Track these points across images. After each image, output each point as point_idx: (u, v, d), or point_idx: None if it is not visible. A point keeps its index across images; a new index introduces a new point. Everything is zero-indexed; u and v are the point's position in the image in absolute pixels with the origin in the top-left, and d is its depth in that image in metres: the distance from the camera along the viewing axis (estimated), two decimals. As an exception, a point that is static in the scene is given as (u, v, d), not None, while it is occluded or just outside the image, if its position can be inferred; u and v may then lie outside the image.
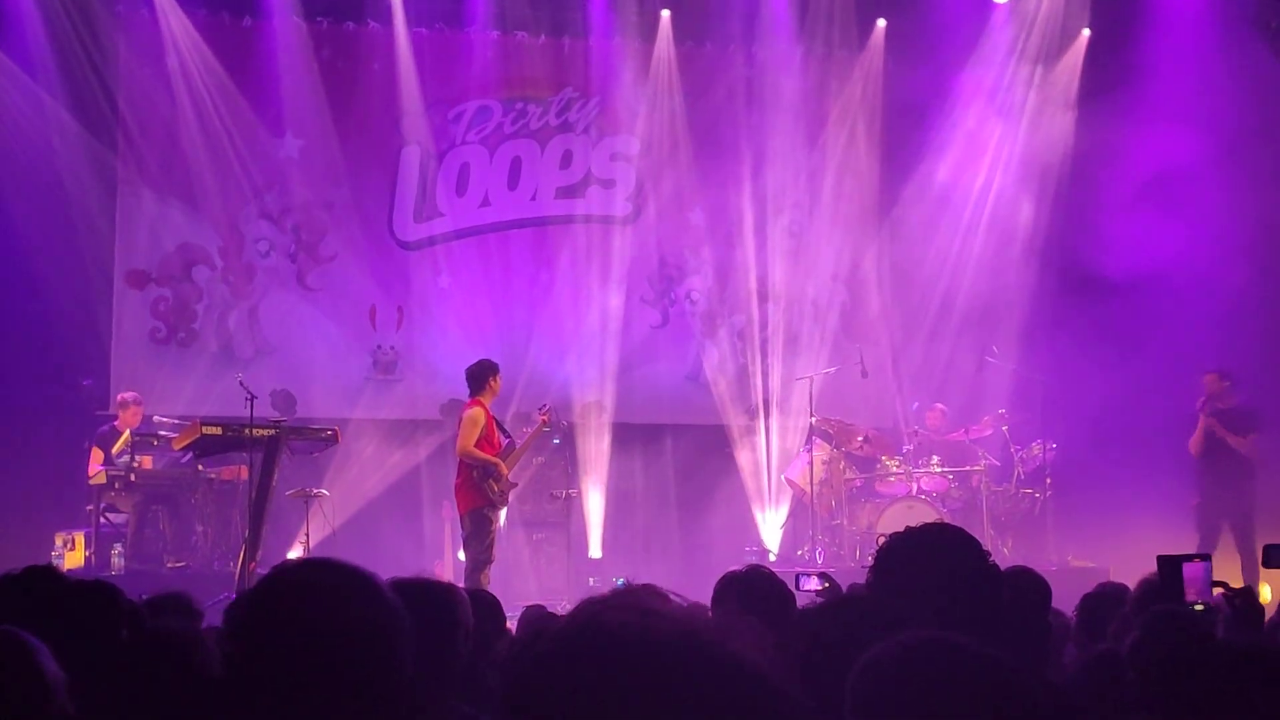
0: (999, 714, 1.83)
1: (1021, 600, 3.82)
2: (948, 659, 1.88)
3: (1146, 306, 13.33)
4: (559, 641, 1.49)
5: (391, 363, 14.35)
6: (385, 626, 2.00)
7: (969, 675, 1.85)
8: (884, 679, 1.88)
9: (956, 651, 1.89)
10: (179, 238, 13.93)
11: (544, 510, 13.21)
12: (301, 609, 1.98)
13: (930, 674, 1.85)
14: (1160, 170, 13.58)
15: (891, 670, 1.88)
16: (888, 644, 1.92)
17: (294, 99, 14.04)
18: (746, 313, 15.02)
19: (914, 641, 1.92)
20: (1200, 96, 13.57)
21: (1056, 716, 2.71)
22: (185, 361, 13.77)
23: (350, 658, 1.94)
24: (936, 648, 1.90)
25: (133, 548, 11.67)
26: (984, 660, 1.88)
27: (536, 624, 5.51)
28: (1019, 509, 13.13)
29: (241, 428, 10.68)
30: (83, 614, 3.82)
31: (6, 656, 2.47)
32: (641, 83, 14.90)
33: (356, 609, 1.98)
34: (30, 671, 2.46)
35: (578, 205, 14.95)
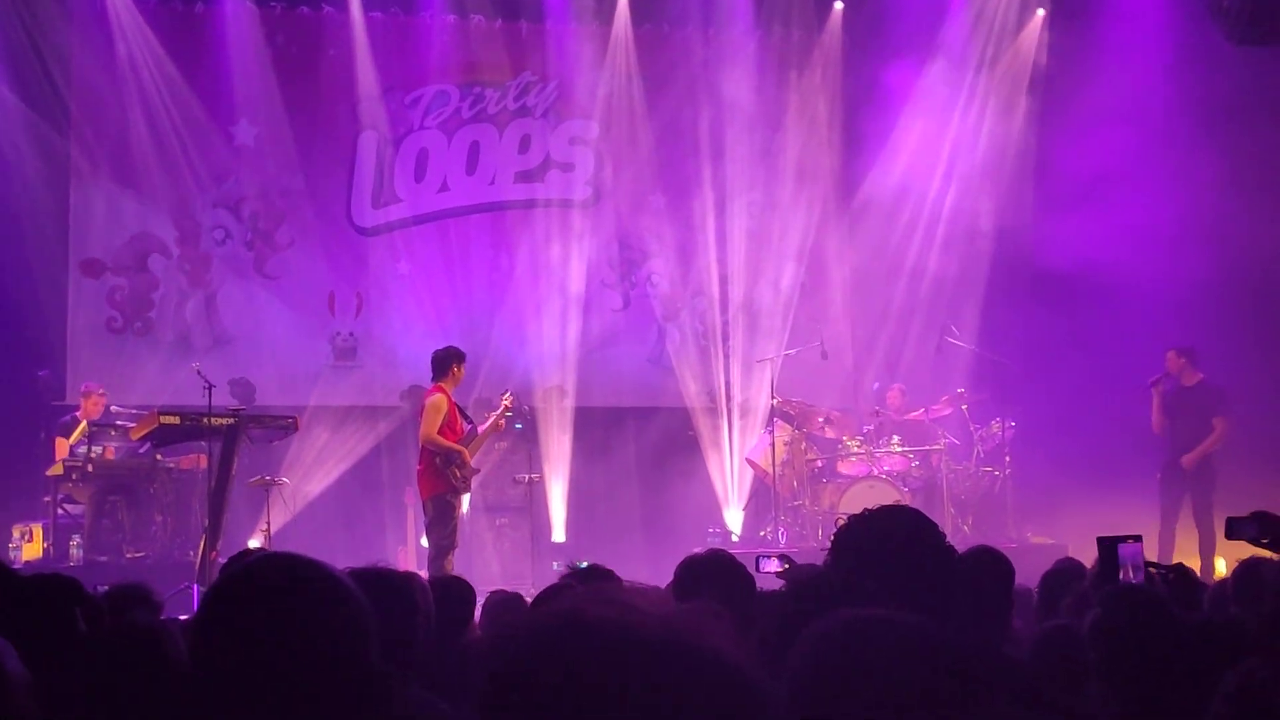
0: (940, 687, 1.84)
1: (984, 578, 3.86)
2: (884, 634, 1.89)
3: (1104, 287, 13.45)
4: (538, 638, 1.48)
5: (351, 349, 14.30)
6: (350, 619, 2.00)
7: (906, 650, 1.86)
8: (821, 656, 1.89)
9: (893, 627, 1.90)
10: (134, 227, 13.83)
11: (507, 495, 13.20)
12: (264, 604, 1.97)
13: (867, 649, 1.87)
14: (1116, 154, 13.69)
15: (828, 647, 1.90)
16: (825, 621, 1.93)
17: (248, 85, 13.95)
18: (708, 295, 15.04)
19: (850, 618, 1.93)
20: (1154, 78, 13.68)
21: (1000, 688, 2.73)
22: (142, 351, 13.68)
23: (316, 652, 1.94)
24: (879, 623, 1.92)
25: (91, 538, 11.59)
26: (922, 634, 1.90)
27: (503, 611, 5.50)
28: (979, 487, 13.22)
29: (200, 417, 10.61)
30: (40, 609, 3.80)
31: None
32: (599, 66, 14.88)
33: (320, 603, 1.98)
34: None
35: (537, 189, 14.92)
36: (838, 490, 12.84)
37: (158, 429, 10.77)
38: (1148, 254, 13.22)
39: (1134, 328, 13.27)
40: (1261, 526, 4.28)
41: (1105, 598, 3.63)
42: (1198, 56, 13.29)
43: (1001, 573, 4.06)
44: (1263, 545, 4.30)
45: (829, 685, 1.87)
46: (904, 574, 2.67)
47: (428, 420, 10.31)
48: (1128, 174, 13.57)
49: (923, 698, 1.84)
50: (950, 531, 9.53)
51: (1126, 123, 13.63)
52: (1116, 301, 13.44)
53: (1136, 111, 13.68)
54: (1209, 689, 3.14)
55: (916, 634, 1.90)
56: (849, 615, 1.95)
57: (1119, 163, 13.64)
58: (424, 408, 10.47)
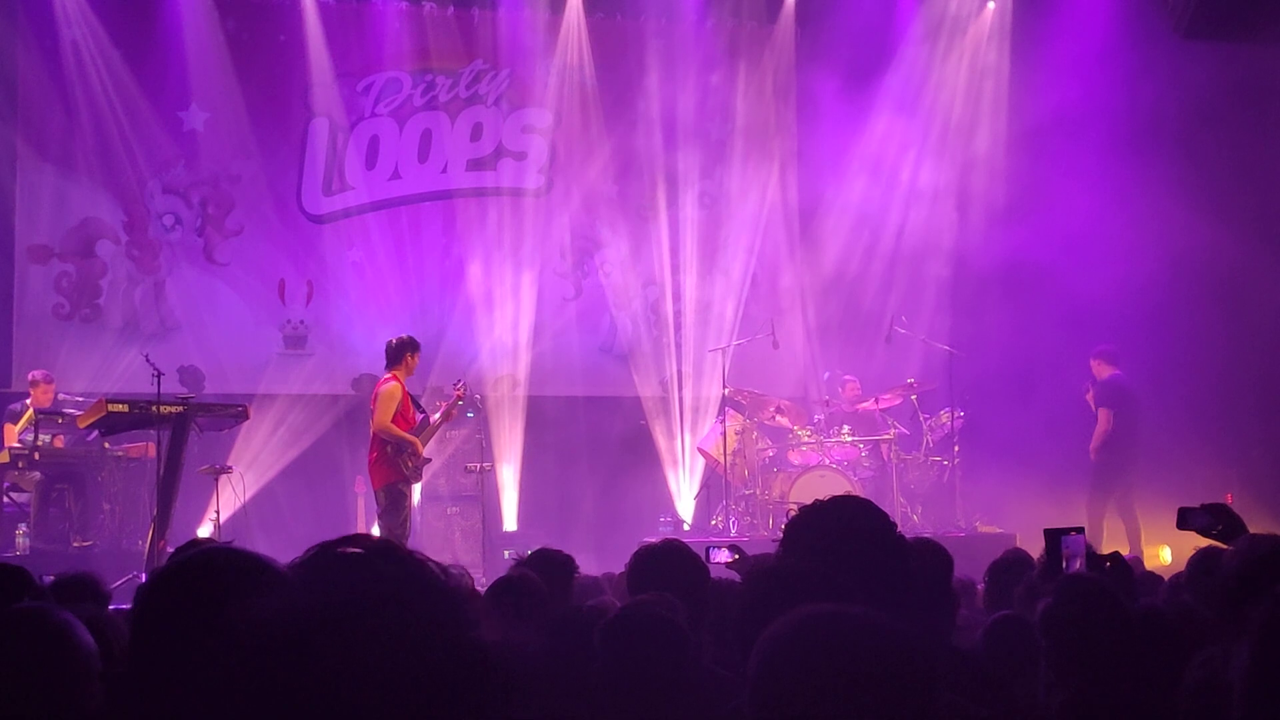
0: (896, 681, 1.87)
1: (926, 570, 3.91)
2: (844, 630, 1.91)
3: (1052, 278, 13.59)
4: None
5: (301, 337, 14.22)
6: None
7: (866, 645, 1.89)
8: (782, 654, 1.91)
9: (853, 622, 1.93)
10: (82, 212, 13.69)
11: (459, 483, 13.18)
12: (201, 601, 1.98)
13: (827, 646, 1.89)
14: (1067, 146, 13.87)
15: (789, 645, 1.92)
16: (784, 619, 1.95)
17: (198, 70, 13.84)
18: (659, 284, 15.07)
19: (810, 614, 1.95)
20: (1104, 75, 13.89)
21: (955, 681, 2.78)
22: (89, 338, 13.55)
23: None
24: (833, 619, 1.94)
25: (37, 527, 11.49)
26: (880, 630, 1.92)
27: None
28: (928, 477, 13.32)
29: (149, 405, 10.52)
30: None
31: (45, 634, 2.46)
32: (551, 54, 14.86)
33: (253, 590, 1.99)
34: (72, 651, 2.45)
35: (488, 178, 14.88)
36: (788, 479, 12.90)
37: (106, 417, 10.67)
38: (1097, 250, 13.42)
39: (1081, 318, 13.44)
40: (1213, 517, 4.34)
41: (1058, 587, 3.69)
42: (1146, 52, 13.47)
43: (941, 564, 4.11)
44: (1213, 535, 4.36)
45: (789, 683, 1.89)
46: (855, 564, 2.70)
47: (381, 409, 10.22)
48: (1081, 170, 13.76)
49: (883, 691, 1.86)
50: (899, 521, 9.60)
51: (1073, 122, 13.82)
52: (1065, 293, 13.58)
53: (1083, 111, 13.87)
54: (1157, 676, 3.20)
55: (872, 628, 1.93)
56: (804, 612, 1.97)
57: (1071, 160, 13.82)
58: (377, 396, 10.38)
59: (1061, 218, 13.62)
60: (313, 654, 1.41)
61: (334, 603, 1.47)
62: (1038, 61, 14.38)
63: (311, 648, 1.42)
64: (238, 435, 12.80)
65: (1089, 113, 13.97)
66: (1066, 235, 13.49)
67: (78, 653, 2.46)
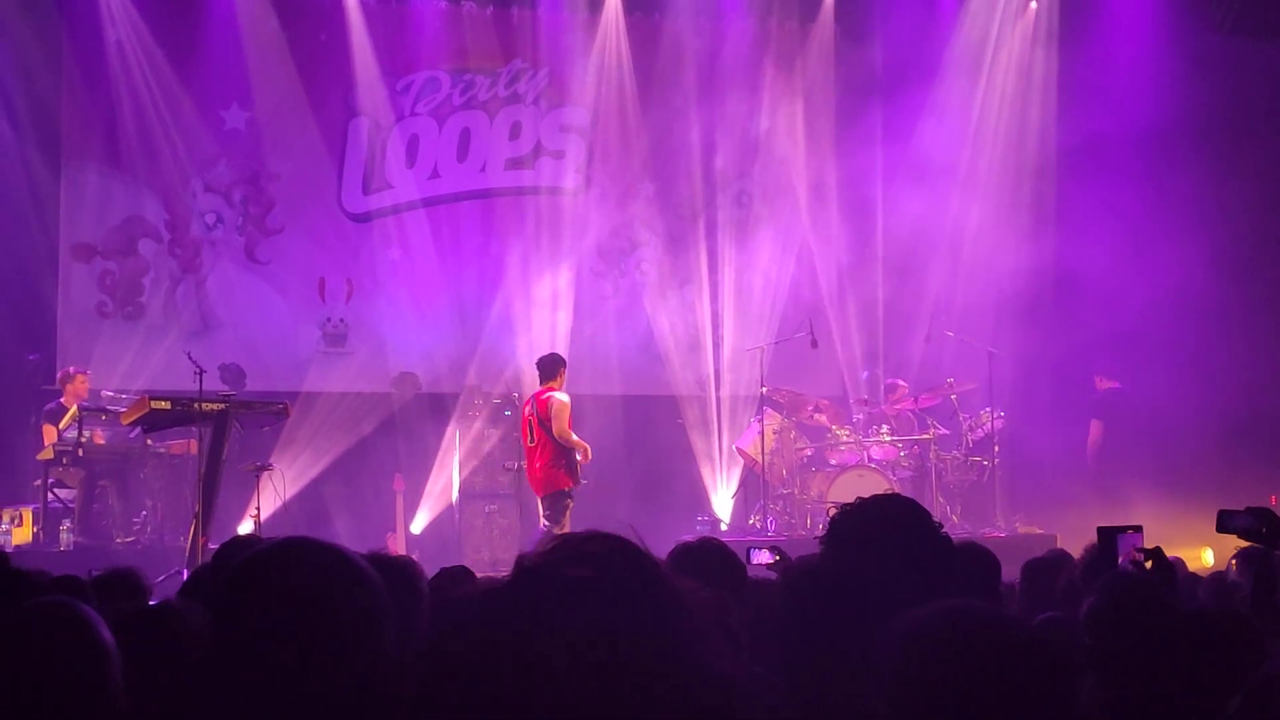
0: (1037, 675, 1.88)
1: (973, 574, 3.87)
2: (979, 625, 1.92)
3: (1097, 282, 13.50)
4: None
5: (341, 335, 14.29)
6: (371, 605, 2.02)
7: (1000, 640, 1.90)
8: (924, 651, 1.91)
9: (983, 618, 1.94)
10: (125, 211, 13.81)
11: (496, 482, 13.21)
12: (288, 589, 1.99)
13: (968, 641, 1.90)
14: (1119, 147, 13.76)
15: (930, 641, 1.92)
16: (915, 616, 1.96)
17: (241, 70, 13.92)
18: (697, 283, 15.04)
19: (944, 611, 1.95)
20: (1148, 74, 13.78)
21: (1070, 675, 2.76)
22: (132, 335, 13.66)
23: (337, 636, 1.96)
24: (966, 615, 1.95)
25: (81, 523, 11.59)
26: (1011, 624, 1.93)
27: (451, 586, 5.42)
28: (967, 477, 13.25)
29: (190, 402, 10.59)
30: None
31: (66, 628, 2.49)
32: (590, 53, 14.86)
33: (344, 588, 2.00)
34: (91, 644, 2.49)
35: (527, 177, 14.91)
36: (827, 479, 12.86)
37: (148, 414, 10.74)
38: (1145, 254, 13.31)
39: (1127, 325, 13.34)
40: (1256, 519, 4.28)
41: (1103, 585, 3.66)
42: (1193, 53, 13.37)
43: (988, 568, 4.08)
44: (1256, 538, 4.30)
45: (931, 682, 1.90)
46: (900, 563, 2.68)
47: (560, 419, 11.02)
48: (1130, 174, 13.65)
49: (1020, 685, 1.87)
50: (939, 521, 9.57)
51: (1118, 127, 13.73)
52: (1109, 299, 13.48)
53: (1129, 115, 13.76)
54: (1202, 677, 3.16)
55: (1000, 623, 1.94)
56: (939, 608, 1.97)
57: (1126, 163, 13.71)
58: (549, 407, 11.06)
59: (1110, 221, 13.51)
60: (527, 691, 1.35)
61: (565, 604, 1.40)
62: (1083, 61, 14.25)
63: (533, 648, 1.36)
64: (280, 433, 12.87)
65: (1135, 117, 13.82)
66: (1114, 238, 13.39)
67: (99, 649, 2.48)
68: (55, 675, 2.43)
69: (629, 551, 1.44)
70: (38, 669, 2.43)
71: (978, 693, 1.85)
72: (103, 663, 2.48)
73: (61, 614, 2.53)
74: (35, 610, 2.61)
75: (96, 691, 2.45)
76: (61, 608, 2.56)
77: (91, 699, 2.44)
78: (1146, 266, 13.29)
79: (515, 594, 1.43)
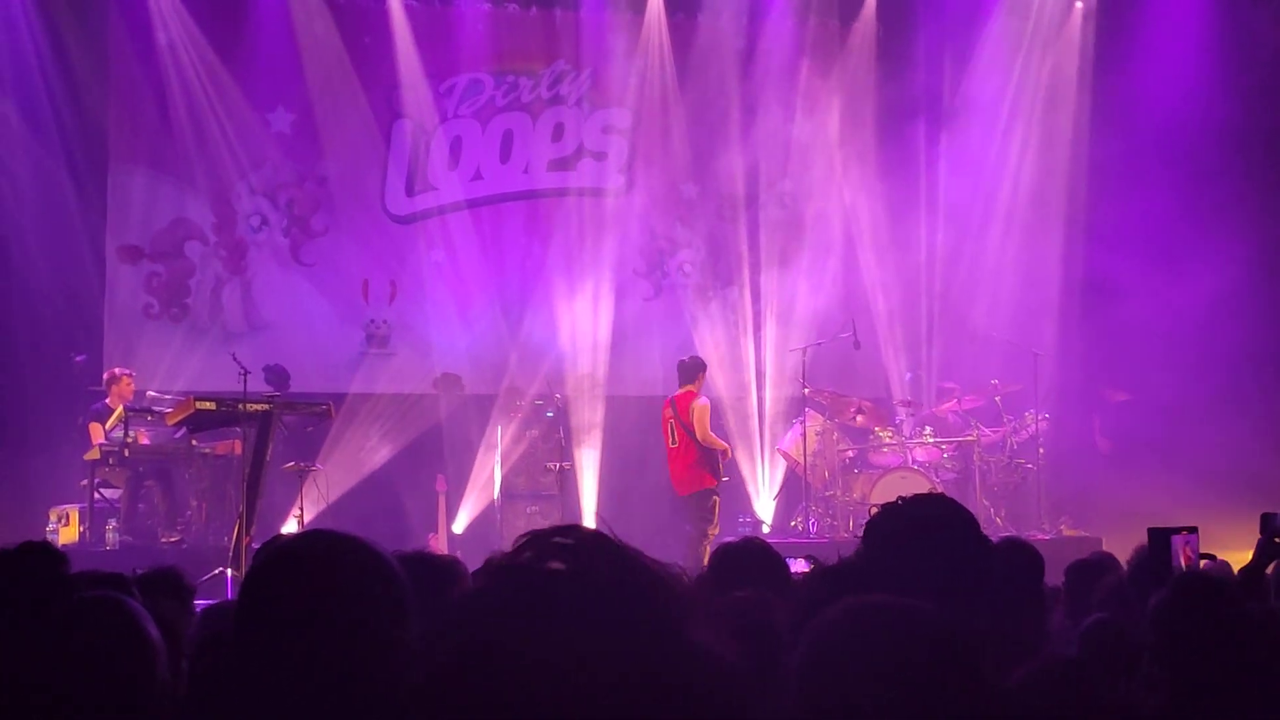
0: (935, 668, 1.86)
1: (1014, 571, 3.84)
2: (882, 619, 1.91)
3: (1140, 284, 13.37)
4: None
5: (384, 337, 14.36)
6: (389, 594, 2.03)
7: (904, 633, 1.88)
8: (822, 644, 1.91)
9: (892, 611, 1.92)
10: (172, 213, 13.93)
11: (538, 483, 13.23)
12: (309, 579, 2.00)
13: (866, 634, 1.89)
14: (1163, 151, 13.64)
15: (829, 635, 1.91)
16: (826, 611, 1.95)
17: (286, 73, 14.02)
18: (739, 284, 15.02)
19: (850, 606, 1.95)
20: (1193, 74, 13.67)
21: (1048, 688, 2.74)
22: (178, 337, 13.78)
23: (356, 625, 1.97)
24: (871, 610, 1.93)
25: (126, 522, 11.69)
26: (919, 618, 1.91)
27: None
28: (1011, 479, 13.16)
29: (235, 403, 10.68)
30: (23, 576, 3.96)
31: (116, 623, 2.53)
32: (633, 55, 14.87)
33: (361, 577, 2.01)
34: (138, 638, 2.52)
35: (570, 178, 14.93)
36: (869, 481, 12.81)
37: (194, 414, 10.85)
38: (1189, 258, 13.19)
39: (1170, 327, 13.22)
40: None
41: (1175, 582, 3.62)
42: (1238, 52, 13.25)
43: (1031, 565, 4.03)
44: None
45: (829, 672, 1.89)
46: (936, 563, 2.66)
47: (702, 421, 11.61)
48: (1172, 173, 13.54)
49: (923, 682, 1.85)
50: (983, 523, 9.52)
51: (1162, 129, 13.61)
52: (1153, 302, 13.36)
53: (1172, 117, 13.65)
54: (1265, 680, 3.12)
55: (919, 619, 1.92)
56: (844, 604, 1.96)
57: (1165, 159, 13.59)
58: (691, 410, 11.63)
59: (1152, 224, 13.39)
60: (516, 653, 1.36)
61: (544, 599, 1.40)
62: (1126, 62, 14.13)
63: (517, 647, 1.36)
64: (325, 434, 12.95)
65: (1177, 119, 13.71)
66: (1160, 241, 13.28)
67: (145, 642, 2.51)
68: (103, 668, 2.46)
69: (600, 542, 1.44)
70: (87, 662, 2.46)
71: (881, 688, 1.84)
72: (149, 657, 2.51)
73: (110, 609, 2.56)
74: (84, 605, 2.65)
75: (143, 685, 2.48)
76: (110, 603, 2.60)
77: (138, 692, 2.47)
78: (1190, 268, 13.17)
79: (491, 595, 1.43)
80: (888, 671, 1.84)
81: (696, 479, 11.66)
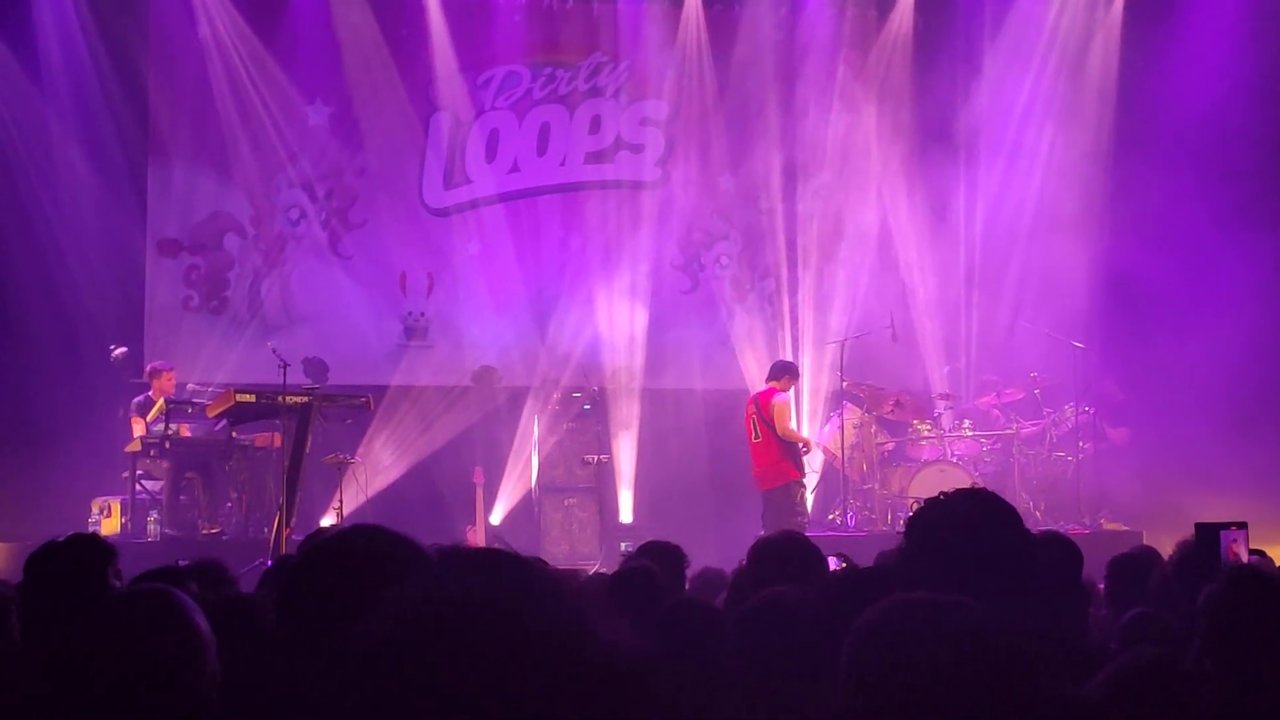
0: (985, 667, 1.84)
1: (1054, 565, 3.81)
2: (931, 616, 1.89)
3: (1181, 278, 13.27)
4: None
5: (423, 329, 14.40)
6: None
7: (953, 631, 1.87)
8: (869, 642, 1.90)
9: (940, 609, 1.91)
10: (210, 206, 14.01)
11: (575, 475, 13.25)
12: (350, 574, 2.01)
13: (915, 632, 1.87)
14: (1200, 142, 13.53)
15: (875, 635, 1.90)
16: (873, 608, 1.94)
17: (324, 66, 14.07)
18: (776, 277, 14.98)
19: (896, 604, 1.94)
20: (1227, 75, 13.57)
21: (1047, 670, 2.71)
22: (218, 329, 13.86)
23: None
24: (919, 606, 1.92)
25: (167, 514, 11.76)
26: (967, 615, 1.90)
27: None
28: (1051, 473, 13.09)
29: (275, 395, 10.75)
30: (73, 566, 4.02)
31: (165, 615, 2.55)
32: (670, 46, 14.84)
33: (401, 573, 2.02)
34: (188, 630, 2.54)
35: (607, 170, 14.92)
36: (908, 474, 12.77)
37: (233, 407, 10.93)
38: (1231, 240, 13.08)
39: (1208, 321, 13.11)
40: None
41: (1230, 574, 3.58)
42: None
43: (1069, 559, 4.00)
44: None
45: (880, 671, 1.88)
46: (980, 559, 2.65)
47: (782, 416, 12.02)
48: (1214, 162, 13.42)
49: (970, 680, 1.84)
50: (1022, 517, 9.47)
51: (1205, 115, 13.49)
52: (1193, 296, 13.26)
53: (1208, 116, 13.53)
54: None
55: (965, 616, 1.90)
56: (891, 601, 1.95)
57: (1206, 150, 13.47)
58: (772, 406, 11.97)
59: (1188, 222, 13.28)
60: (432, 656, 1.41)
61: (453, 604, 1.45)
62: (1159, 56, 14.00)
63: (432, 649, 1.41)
64: (363, 426, 13.01)
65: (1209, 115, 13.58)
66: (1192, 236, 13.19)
67: (193, 633, 2.53)
68: (153, 659, 2.48)
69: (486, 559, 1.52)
70: (136, 652, 2.48)
71: (927, 688, 1.83)
72: (199, 647, 2.53)
73: (159, 600, 2.59)
74: (134, 596, 2.68)
75: (192, 675, 2.50)
76: (159, 594, 2.62)
77: (187, 682, 2.49)
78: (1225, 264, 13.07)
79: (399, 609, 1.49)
80: (934, 670, 1.83)
81: (780, 473, 11.96)
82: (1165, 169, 13.56)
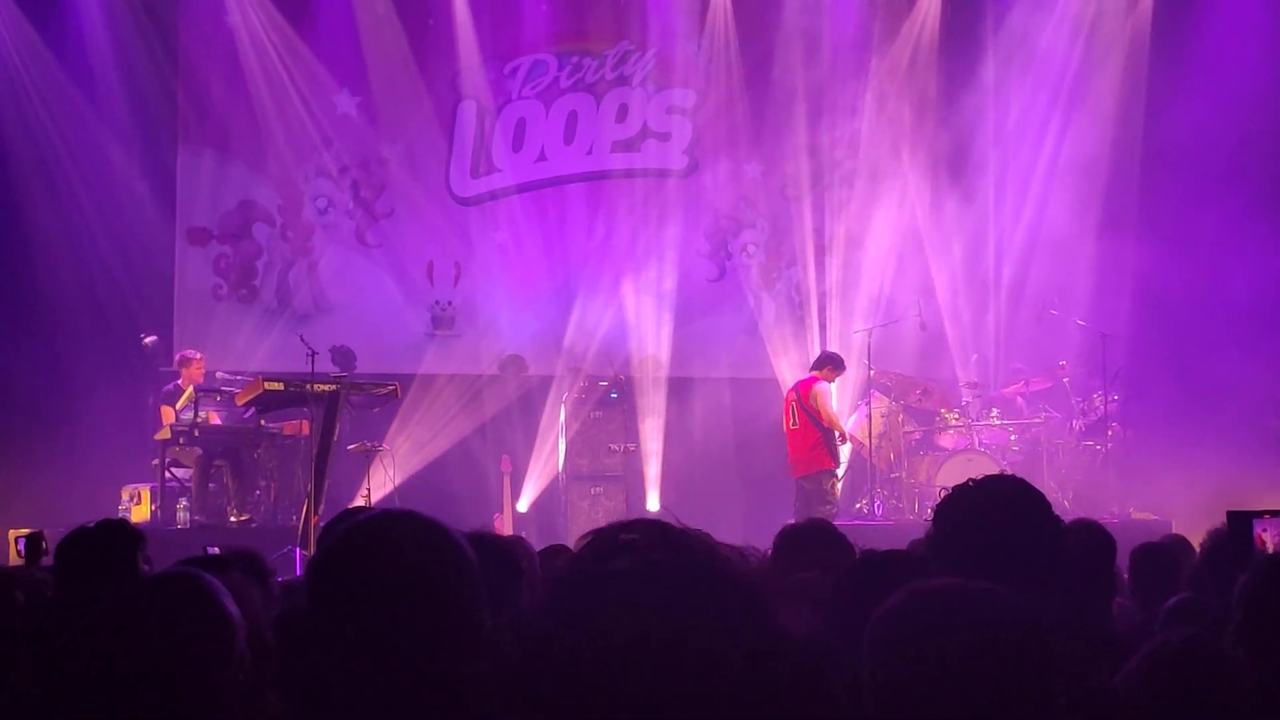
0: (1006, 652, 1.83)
1: (1086, 553, 3.79)
2: (953, 604, 1.89)
3: (1212, 266, 13.17)
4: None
5: (450, 318, 14.43)
6: (459, 575, 2.04)
7: (974, 618, 1.86)
8: (892, 630, 1.89)
9: (964, 596, 1.90)
10: (239, 195, 14.06)
11: (602, 463, 13.24)
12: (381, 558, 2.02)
13: (936, 620, 1.86)
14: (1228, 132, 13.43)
15: (899, 620, 1.90)
16: (897, 594, 1.93)
17: (351, 55, 14.10)
18: (803, 265, 14.94)
19: (920, 589, 1.93)
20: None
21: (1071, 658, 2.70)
22: (246, 318, 13.92)
23: (426, 603, 1.98)
24: (942, 592, 1.91)
25: (197, 502, 11.83)
26: (991, 601, 1.89)
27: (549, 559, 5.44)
28: (1080, 461, 13.02)
29: (303, 383, 10.79)
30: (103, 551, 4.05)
31: (195, 598, 2.57)
32: (698, 35, 14.81)
33: (433, 557, 2.03)
34: (217, 613, 2.56)
35: (634, 159, 14.91)
36: (935, 463, 12.72)
37: (262, 395, 10.97)
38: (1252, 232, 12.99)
39: (1244, 308, 13.02)
40: None
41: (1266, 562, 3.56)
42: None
43: (1101, 547, 3.98)
44: None
45: (902, 656, 1.87)
46: (1012, 547, 2.64)
47: (825, 403, 12.15)
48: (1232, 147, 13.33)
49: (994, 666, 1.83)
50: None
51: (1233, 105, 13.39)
52: (1226, 283, 13.15)
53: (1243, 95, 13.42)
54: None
55: (988, 603, 1.89)
56: (914, 587, 1.94)
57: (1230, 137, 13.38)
58: (814, 394, 12.12)
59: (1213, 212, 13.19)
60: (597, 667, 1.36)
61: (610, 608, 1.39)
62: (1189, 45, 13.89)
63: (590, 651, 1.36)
64: (390, 415, 13.04)
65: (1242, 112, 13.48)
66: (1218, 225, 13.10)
67: (223, 618, 2.54)
68: (183, 643, 2.50)
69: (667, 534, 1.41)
70: (166, 637, 2.50)
71: (953, 673, 1.82)
72: (228, 632, 2.54)
73: (189, 584, 2.60)
74: (164, 581, 2.70)
75: (222, 660, 2.51)
76: (189, 578, 2.63)
77: (217, 667, 2.50)
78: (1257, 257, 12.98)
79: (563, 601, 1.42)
80: (960, 656, 1.83)
81: (816, 460, 12.09)
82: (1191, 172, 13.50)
